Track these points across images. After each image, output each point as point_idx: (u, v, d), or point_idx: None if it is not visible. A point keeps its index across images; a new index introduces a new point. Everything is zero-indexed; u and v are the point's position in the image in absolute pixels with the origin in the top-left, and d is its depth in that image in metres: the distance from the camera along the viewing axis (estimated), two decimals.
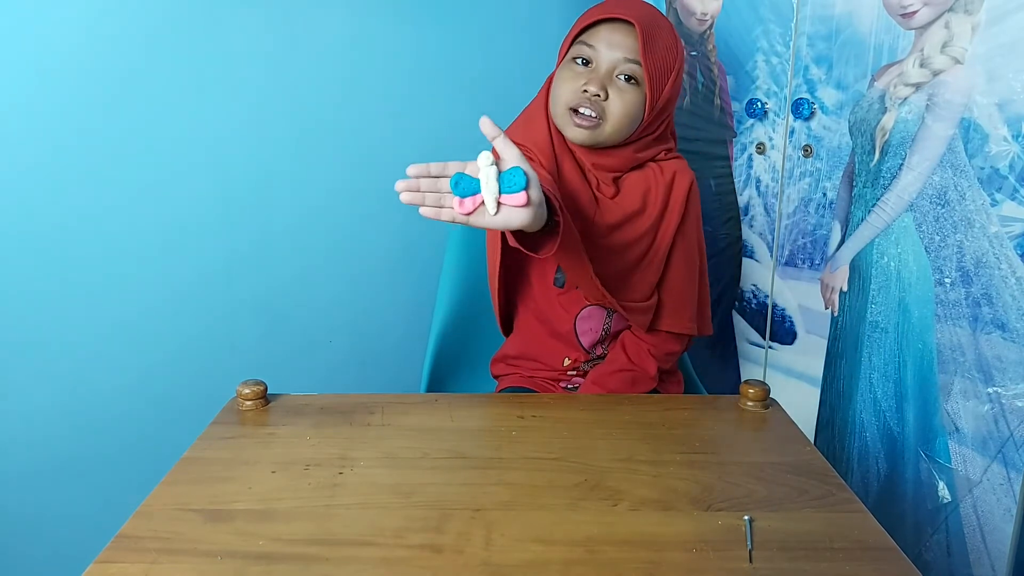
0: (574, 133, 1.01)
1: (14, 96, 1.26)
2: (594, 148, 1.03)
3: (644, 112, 1.01)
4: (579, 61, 1.01)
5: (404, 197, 0.73)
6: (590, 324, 1.11)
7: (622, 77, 0.99)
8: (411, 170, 0.74)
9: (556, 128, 1.05)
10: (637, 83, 0.99)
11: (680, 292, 1.10)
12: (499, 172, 0.72)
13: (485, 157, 0.72)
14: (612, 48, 0.98)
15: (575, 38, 1.02)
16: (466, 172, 0.72)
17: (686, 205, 1.07)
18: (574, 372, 1.14)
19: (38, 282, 1.34)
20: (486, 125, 0.75)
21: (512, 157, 0.74)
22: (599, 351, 1.14)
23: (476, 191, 0.72)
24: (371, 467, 0.81)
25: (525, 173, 0.73)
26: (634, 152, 1.05)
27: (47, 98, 1.28)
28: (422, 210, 0.74)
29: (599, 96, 0.98)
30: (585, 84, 0.98)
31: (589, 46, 1.00)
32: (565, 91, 1.00)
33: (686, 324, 1.11)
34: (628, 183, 1.06)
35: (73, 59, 1.28)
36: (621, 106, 0.99)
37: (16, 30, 1.24)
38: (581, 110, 0.99)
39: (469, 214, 0.73)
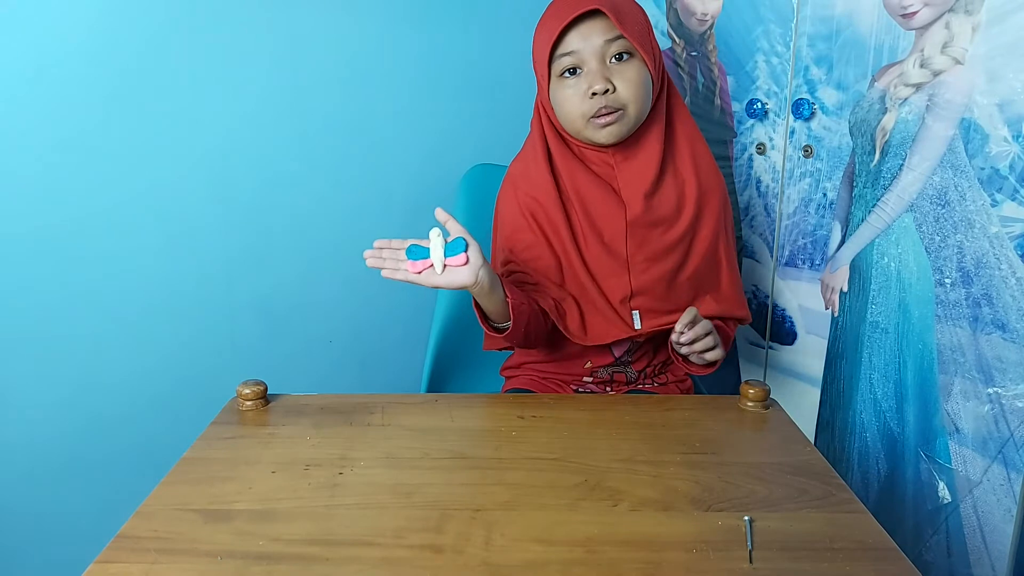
0: (605, 135, 1.00)
1: (15, 96, 1.26)
2: (623, 140, 1.02)
3: (652, 75, 1.00)
4: (567, 73, 1.00)
5: (369, 262, 0.90)
6: None
7: (614, 59, 0.98)
8: (377, 243, 0.91)
9: (557, 155, 1.05)
10: (630, 55, 0.99)
11: (736, 282, 1.13)
12: (445, 243, 0.89)
13: (435, 232, 0.89)
14: (590, 39, 0.97)
15: (551, 56, 1.00)
16: (419, 244, 0.89)
17: (722, 216, 1.09)
18: (590, 379, 1.14)
19: (39, 282, 1.34)
20: (439, 213, 0.91)
21: (458, 231, 0.90)
22: (625, 358, 1.13)
23: (426, 257, 0.89)
24: (371, 467, 0.81)
25: (466, 241, 0.89)
26: (658, 119, 1.04)
27: (48, 98, 1.28)
28: (383, 272, 0.90)
29: (608, 90, 0.97)
30: (589, 88, 0.97)
31: (569, 54, 0.98)
32: (574, 107, 0.99)
33: (745, 310, 1.14)
34: (663, 188, 1.05)
35: (74, 59, 1.28)
36: (631, 85, 0.98)
37: (17, 30, 1.24)
38: (600, 111, 0.98)
39: (419, 272, 0.89)
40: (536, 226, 1.06)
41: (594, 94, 0.97)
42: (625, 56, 0.98)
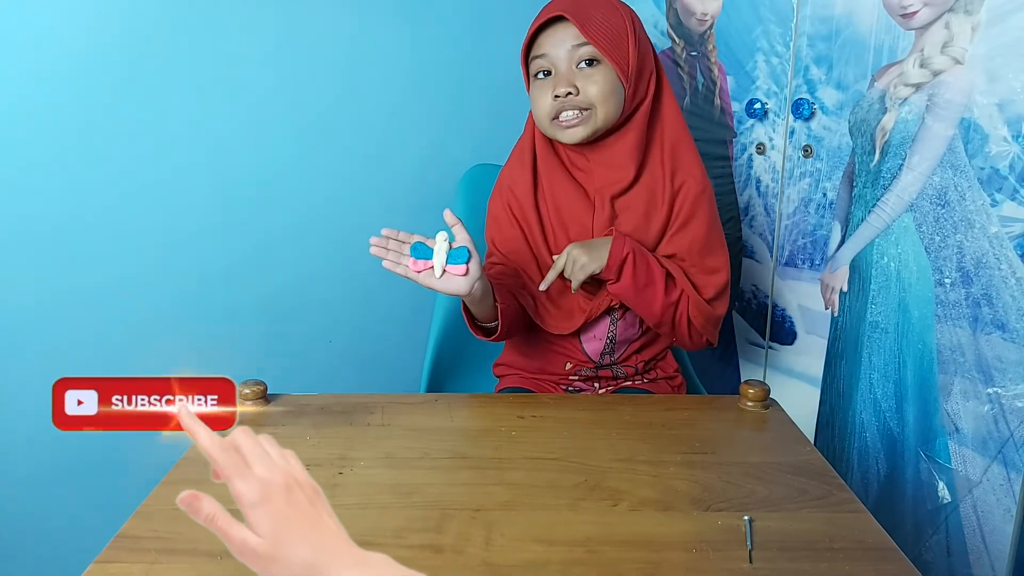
0: (569, 135, 1.02)
1: (15, 97, 1.26)
2: (596, 143, 1.04)
3: (623, 82, 1.01)
4: (540, 75, 1.03)
5: (373, 250, 0.91)
6: (594, 332, 1.10)
7: (582, 65, 1.01)
8: (384, 232, 0.92)
9: (541, 156, 1.08)
10: (599, 61, 1.01)
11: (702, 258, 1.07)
12: (450, 248, 0.90)
13: (442, 236, 0.91)
14: (558, 45, 1.01)
15: (526, 60, 1.05)
16: (425, 243, 0.91)
17: (692, 209, 1.06)
18: (576, 377, 1.14)
19: (40, 282, 1.34)
20: (448, 216, 0.92)
21: (464, 239, 0.91)
22: (607, 360, 1.13)
23: (428, 257, 0.90)
24: (371, 467, 0.81)
25: (469, 251, 0.90)
26: (636, 128, 1.05)
27: (48, 99, 1.28)
28: (384, 263, 0.91)
29: (571, 93, 1.00)
30: (553, 90, 1.01)
31: (539, 56, 1.02)
32: (542, 107, 1.03)
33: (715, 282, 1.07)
34: (633, 193, 1.06)
35: (74, 60, 1.28)
36: (596, 88, 1.00)
37: (17, 31, 1.24)
38: (563, 115, 1.01)
39: (419, 272, 0.90)
40: (515, 221, 1.10)
41: (556, 96, 1.00)
42: (594, 62, 1.01)
